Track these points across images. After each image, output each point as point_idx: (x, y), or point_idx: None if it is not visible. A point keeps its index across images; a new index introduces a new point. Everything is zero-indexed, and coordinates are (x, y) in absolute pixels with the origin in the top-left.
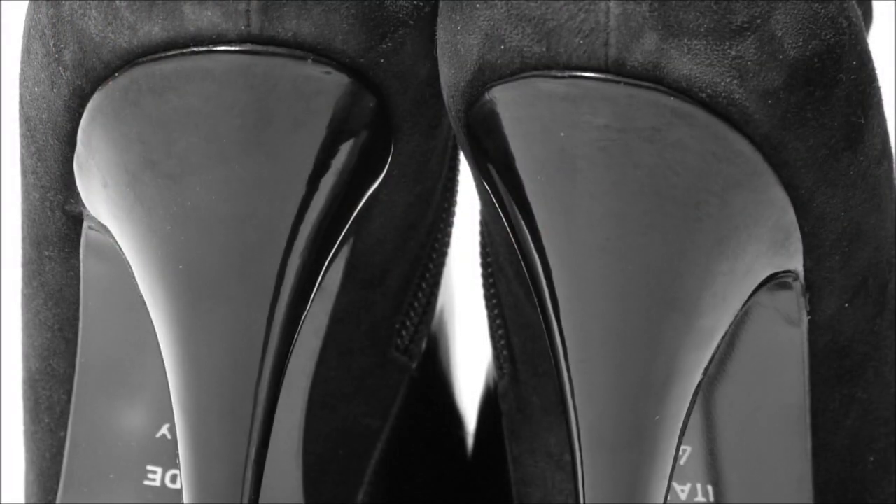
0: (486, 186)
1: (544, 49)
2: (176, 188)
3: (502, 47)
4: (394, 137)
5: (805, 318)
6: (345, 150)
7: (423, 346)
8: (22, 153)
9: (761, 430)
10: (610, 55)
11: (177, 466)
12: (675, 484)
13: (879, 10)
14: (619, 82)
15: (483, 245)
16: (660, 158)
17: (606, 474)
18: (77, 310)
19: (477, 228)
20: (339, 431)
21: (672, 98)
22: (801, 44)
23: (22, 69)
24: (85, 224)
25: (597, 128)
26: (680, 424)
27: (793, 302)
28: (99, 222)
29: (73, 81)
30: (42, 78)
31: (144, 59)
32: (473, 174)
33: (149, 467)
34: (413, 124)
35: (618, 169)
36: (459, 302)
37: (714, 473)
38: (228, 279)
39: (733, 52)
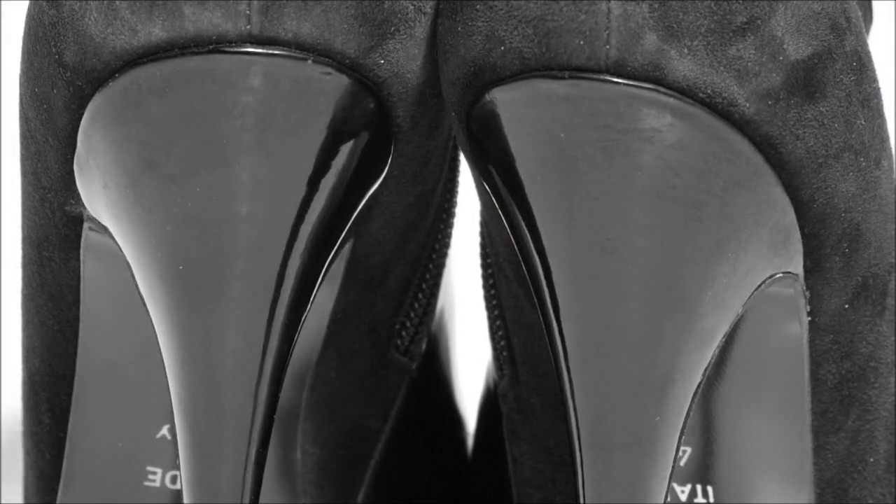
0: (486, 187)
1: (544, 50)
2: (176, 189)
3: (502, 48)
4: (394, 138)
5: (805, 319)
6: (345, 150)
7: (423, 346)
8: (22, 154)
9: (761, 430)
10: (610, 56)
11: (177, 467)
12: (675, 484)
13: (879, 10)
14: (619, 83)
15: (483, 245)
16: (660, 159)
17: (606, 474)
18: (77, 310)
19: (477, 228)
20: (339, 432)
21: (672, 99)
22: (801, 44)
23: (22, 69)
24: (85, 225)
25: (597, 128)
26: (680, 424)
27: (793, 303)
28: (99, 223)
29: (73, 82)
30: (42, 78)
31: (145, 59)
32: (473, 174)
33: (149, 467)
34: (413, 125)
35: (618, 170)
36: (459, 302)
37: (714, 474)
38: (228, 280)
39: (733, 53)
